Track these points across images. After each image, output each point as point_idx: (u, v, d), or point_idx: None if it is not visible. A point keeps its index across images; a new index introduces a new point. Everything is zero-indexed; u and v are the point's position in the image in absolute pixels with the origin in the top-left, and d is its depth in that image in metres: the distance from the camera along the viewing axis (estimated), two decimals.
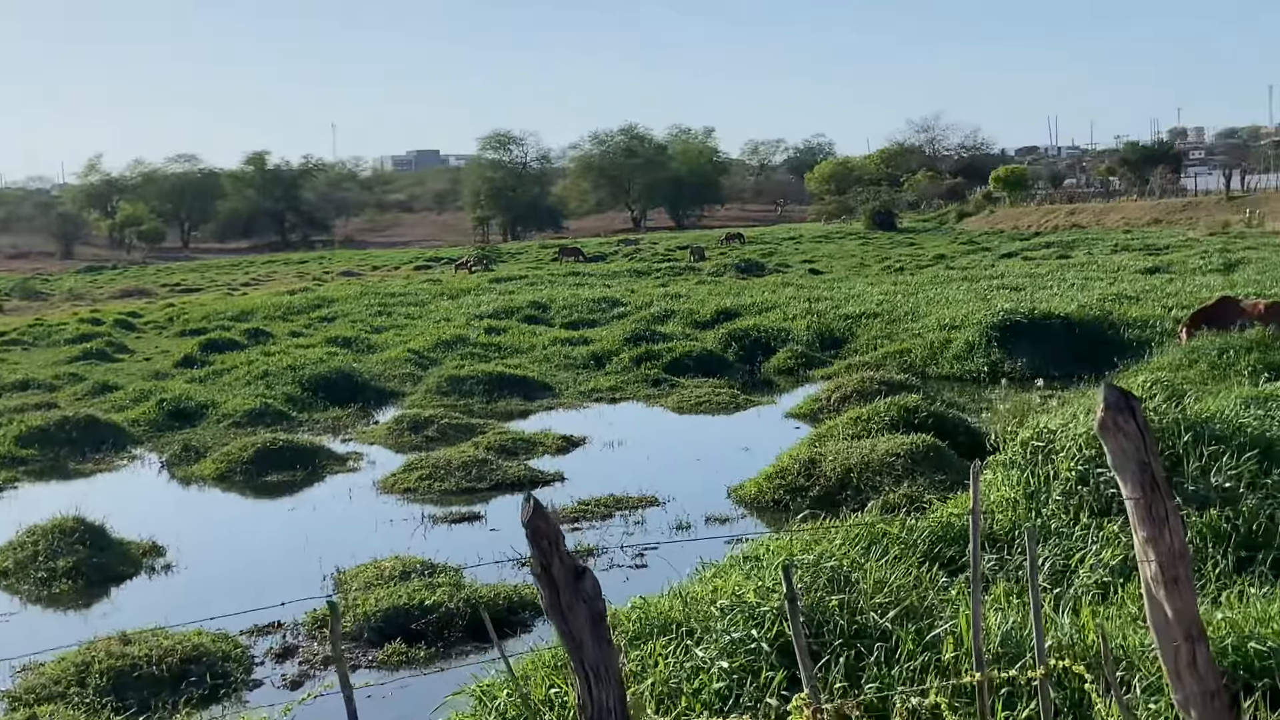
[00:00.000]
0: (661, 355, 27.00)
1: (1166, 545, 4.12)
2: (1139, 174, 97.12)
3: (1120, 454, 4.22)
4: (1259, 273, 35.45)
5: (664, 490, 15.41)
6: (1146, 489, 4.14)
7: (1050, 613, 7.51)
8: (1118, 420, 4.24)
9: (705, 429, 21.22)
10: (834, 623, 7.08)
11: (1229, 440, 10.31)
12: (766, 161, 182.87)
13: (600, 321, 35.56)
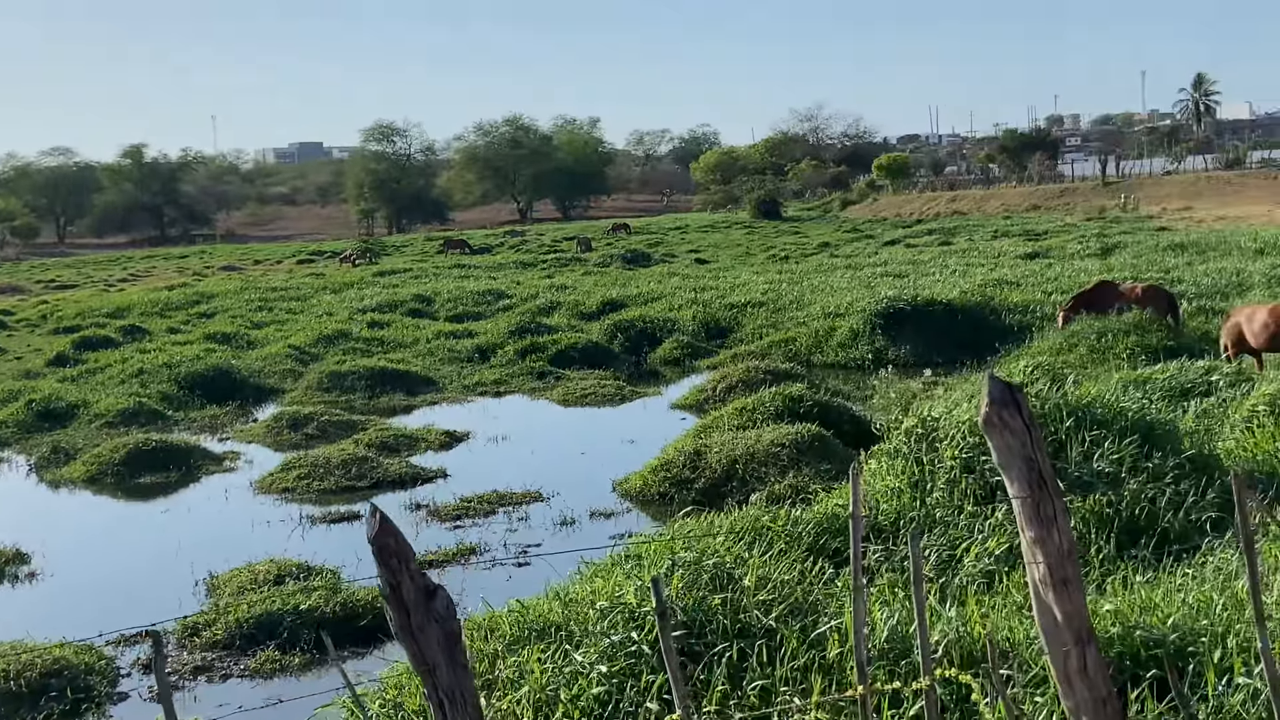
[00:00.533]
0: (547, 348, 26.65)
1: (1055, 546, 3.93)
2: (1018, 161, 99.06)
3: (1005, 450, 4.02)
4: (1135, 256, 36.23)
5: (548, 485, 15.10)
6: (1034, 487, 3.95)
7: (936, 605, 7.37)
8: (1002, 415, 4.05)
9: (591, 422, 20.95)
10: (717, 622, 6.85)
11: (1111, 424, 10.31)
12: (652, 152, 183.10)
13: (485, 314, 35.10)
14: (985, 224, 64.46)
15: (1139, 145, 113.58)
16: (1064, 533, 3.96)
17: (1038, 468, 3.96)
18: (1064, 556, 3.94)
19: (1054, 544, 3.93)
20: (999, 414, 4.05)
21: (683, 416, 19.59)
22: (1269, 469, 10.18)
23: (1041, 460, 3.99)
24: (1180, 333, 20.45)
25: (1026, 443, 3.99)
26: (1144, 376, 14.40)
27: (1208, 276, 27.81)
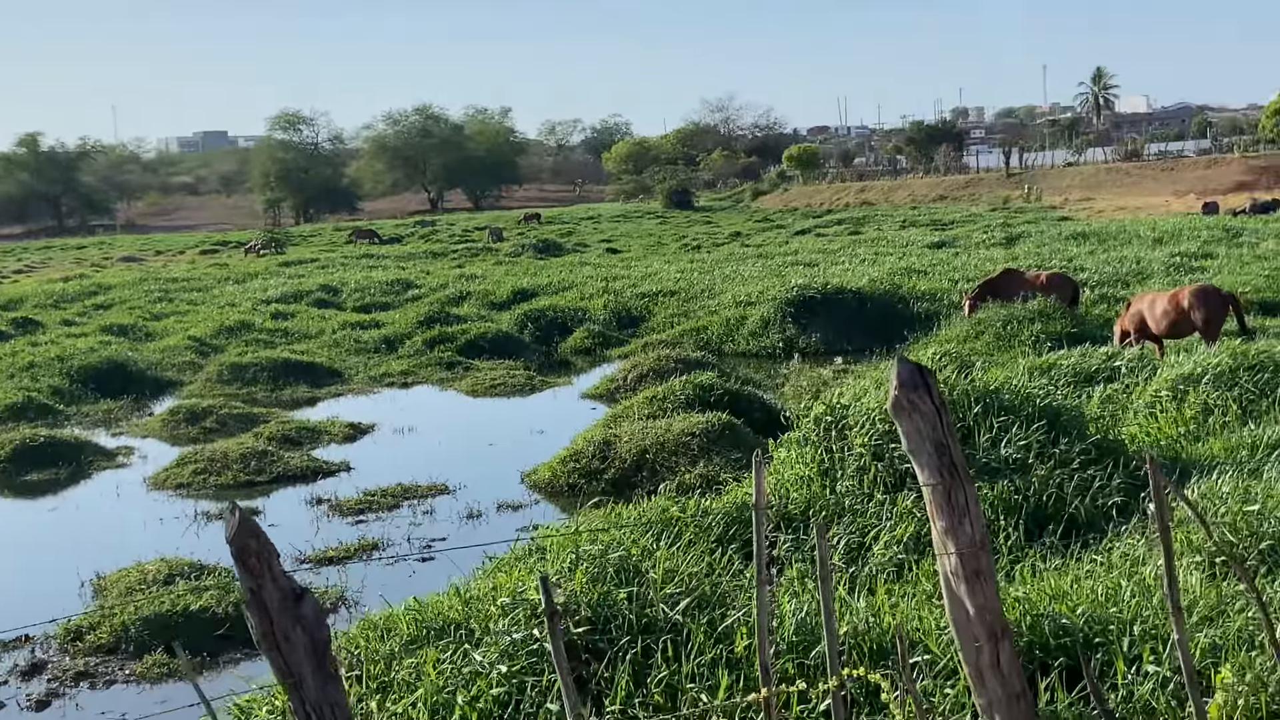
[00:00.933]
0: (456, 338, 26.26)
1: (967, 536, 3.78)
2: (925, 152, 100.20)
3: (915, 435, 3.85)
4: (1038, 245, 36.72)
5: (455, 477, 14.80)
6: (945, 474, 3.79)
7: (845, 596, 7.24)
8: (912, 399, 3.88)
9: (500, 412, 20.64)
10: (622, 617, 6.64)
11: (1018, 410, 10.27)
12: (564, 142, 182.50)
13: (394, 304, 34.56)
14: (894, 214, 65.08)
15: (1041, 137, 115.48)
16: (976, 522, 3.80)
17: (949, 453, 3.80)
18: (976, 547, 3.78)
19: (966, 534, 3.77)
20: (908, 397, 3.88)
21: (593, 406, 19.37)
22: (1171, 454, 10.23)
23: (953, 445, 3.83)
24: (1081, 319, 20.66)
25: (937, 427, 3.83)
26: (1049, 362, 14.47)
27: (1109, 265, 28.24)
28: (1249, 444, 10.07)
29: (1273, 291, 22.81)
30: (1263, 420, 11.08)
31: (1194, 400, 11.88)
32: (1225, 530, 7.89)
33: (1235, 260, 28.32)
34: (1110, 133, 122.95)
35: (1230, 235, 34.56)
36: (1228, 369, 12.28)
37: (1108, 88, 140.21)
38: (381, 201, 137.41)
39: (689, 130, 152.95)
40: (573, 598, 6.62)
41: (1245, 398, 11.80)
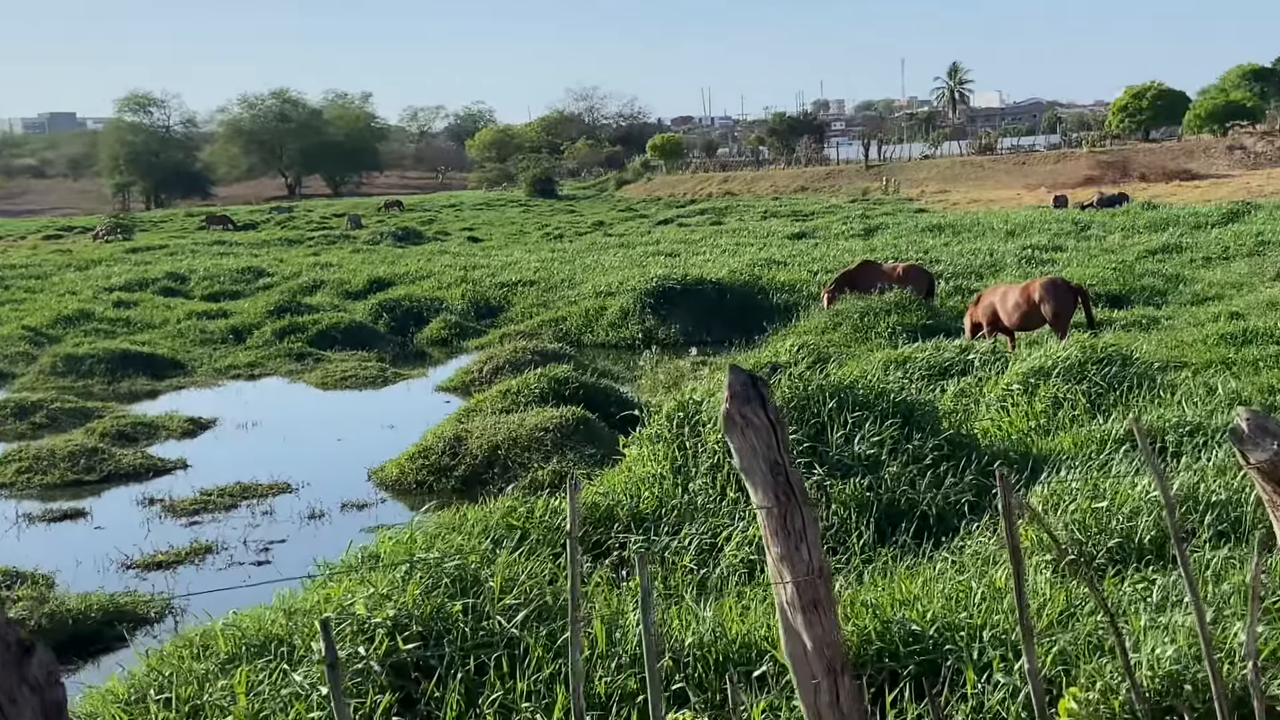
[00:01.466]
0: (307, 328, 25.45)
1: (804, 563, 3.50)
2: (786, 143, 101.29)
3: (749, 452, 3.56)
4: (895, 237, 37.15)
5: (299, 475, 14.19)
6: (780, 496, 3.50)
7: (692, 604, 6.96)
8: (745, 412, 3.58)
9: (350, 406, 19.99)
10: (456, 631, 6.26)
11: (872, 406, 10.13)
12: (427, 128, 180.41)
13: (245, 293, 33.47)
14: (755, 204, 65.49)
15: (900, 130, 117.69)
16: (814, 548, 3.52)
17: (784, 473, 3.51)
18: (814, 575, 3.50)
19: (803, 561, 3.49)
20: (740, 411, 3.58)
21: (447, 400, 18.87)
22: (1023, 448, 10.19)
23: (788, 465, 3.54)
24: (936, 311, 20.81)
25: (772, 444, 3.54)
26: (904, 356, 14.45)
27: (963, 257, 28.63)
28: (1097, 438, 10.09)
29: (1119, 284, 23.29)
30: (1111, 413, 11.14)
31: (1044, 394, 11.92)
32: (1075, 529, 7.83)
33: (1084, 253, 28.96)
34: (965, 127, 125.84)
35: (1079, 229, 35.37)
36: (1077, 362, 12.37)
37: (963, 83, 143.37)
38: (238, 187, 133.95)
39: (553, 118, 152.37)
40: (403, 611, 6.21)
41: (1094, 391, 11.88)
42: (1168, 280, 24.03)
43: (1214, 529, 7.72)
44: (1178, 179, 60.99)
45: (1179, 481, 8.37)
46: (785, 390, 10.16)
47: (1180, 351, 15.85)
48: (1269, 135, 68.49)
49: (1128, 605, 6.39)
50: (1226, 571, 6.90)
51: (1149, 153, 70.85)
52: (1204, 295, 22.31)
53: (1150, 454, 4.25)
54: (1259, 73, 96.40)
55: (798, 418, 9.86)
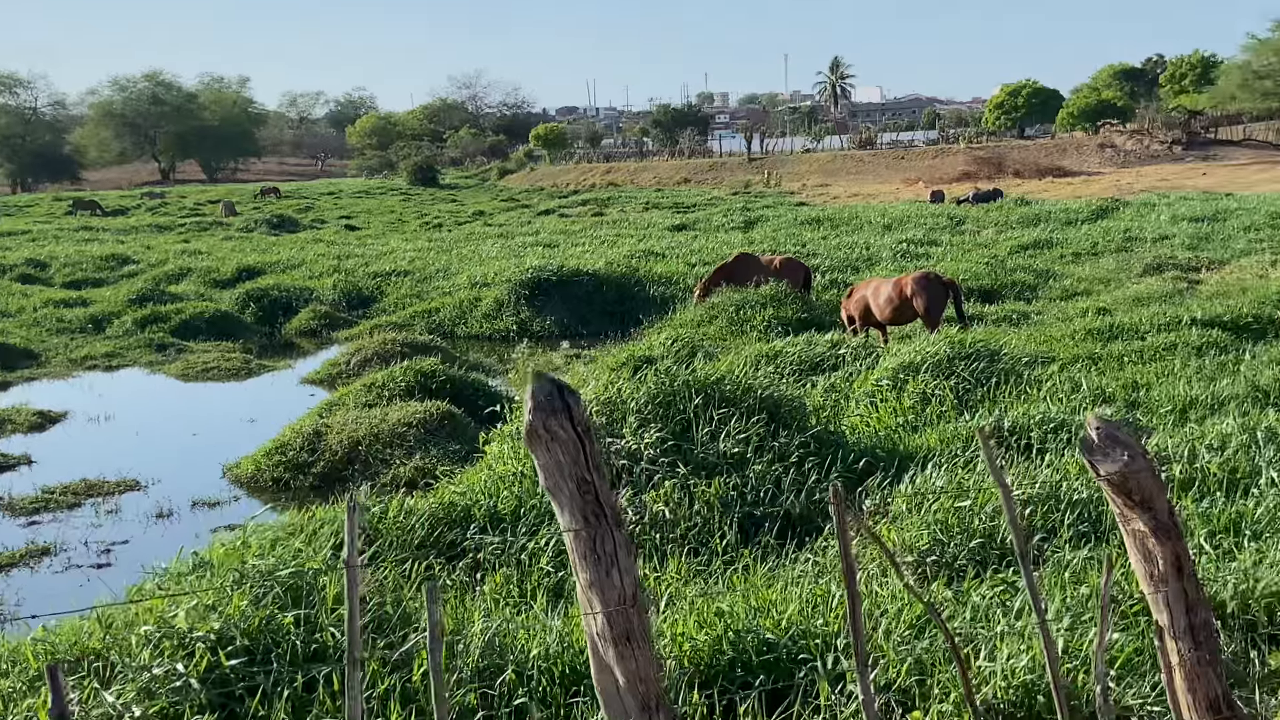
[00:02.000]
0: (170, 317, 24.58)
1: (616, 591, 3.21)
2: (670, 135, 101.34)
3: (554, 470, 3.26)
4: (775, 229, 37.23)
5: (151, 471, 13.55)
6: (590, 517, 3.22)
7: (540, 613, 6.65)
8: (550, 425, 3.28)
9: (210, 399, 19.28)
10: (286, 645, 5.87)
11: (739, 402, 9.93)
12: (306, 114, 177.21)
13: (109, 280, 32.32)
14: (638, 196, 65.34)
15: (783, 124, 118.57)
16: (627, 574, 3.24)
17: (594, 492, 3.22)
18: (627, 605, 3.22)
19: (614, 589, 3.21)
20: (545, 424, 3.28)
21: (311, 392, 18.29)
22: (889, 445, 10.07)
23: (599, 483, 3.25)
24: (812, 304, 20.78)
25: (580, 460, 3.24)
26: (776, 350, 14.31)
27: (840, 250, 28.73)
28: (963, 435, 10.01)
29: (991, 279, 23.53)
30: (977, 410, 11.10)
31: (913, 389, 11.85)
32: (937, 529, 7.69)
33: (958, 248, 29.27)
34: (847, 122, 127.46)
35: (954, 223, 35.82)
36: (945, 358, 12.33)
37: (844, 77, 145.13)
38: (110, 171, 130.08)
39: (436, 107, 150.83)
40: (229, 624, 5.81)
41: (961, 387, 11.85)
42: (1038, 275, 24.35)
43: (1075, 529, 7.65)
44: (1050, 175, 62.32)
45: (1041, 479, 8.30)
46: (651, 386, 9.91)
47: (1048, 346, 15.94)
48: (1138, 134, 70.35)
49: (986, 610, 6.24)
50: (1086, 572, 6.82)
51: (1023, 150, 72.30)
52: (1073, 290, 22.63)
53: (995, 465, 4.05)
54: (1129, 72, 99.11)
55: (663, 414, 9.62)
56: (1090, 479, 8.34)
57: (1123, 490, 3.69)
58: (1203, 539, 7.26)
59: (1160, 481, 3.73)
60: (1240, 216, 31.18)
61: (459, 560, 8.59)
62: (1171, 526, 3.75)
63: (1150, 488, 3.68)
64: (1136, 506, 3.71)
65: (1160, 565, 3.72)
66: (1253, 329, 16.48)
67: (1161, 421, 10.61)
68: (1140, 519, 3.70)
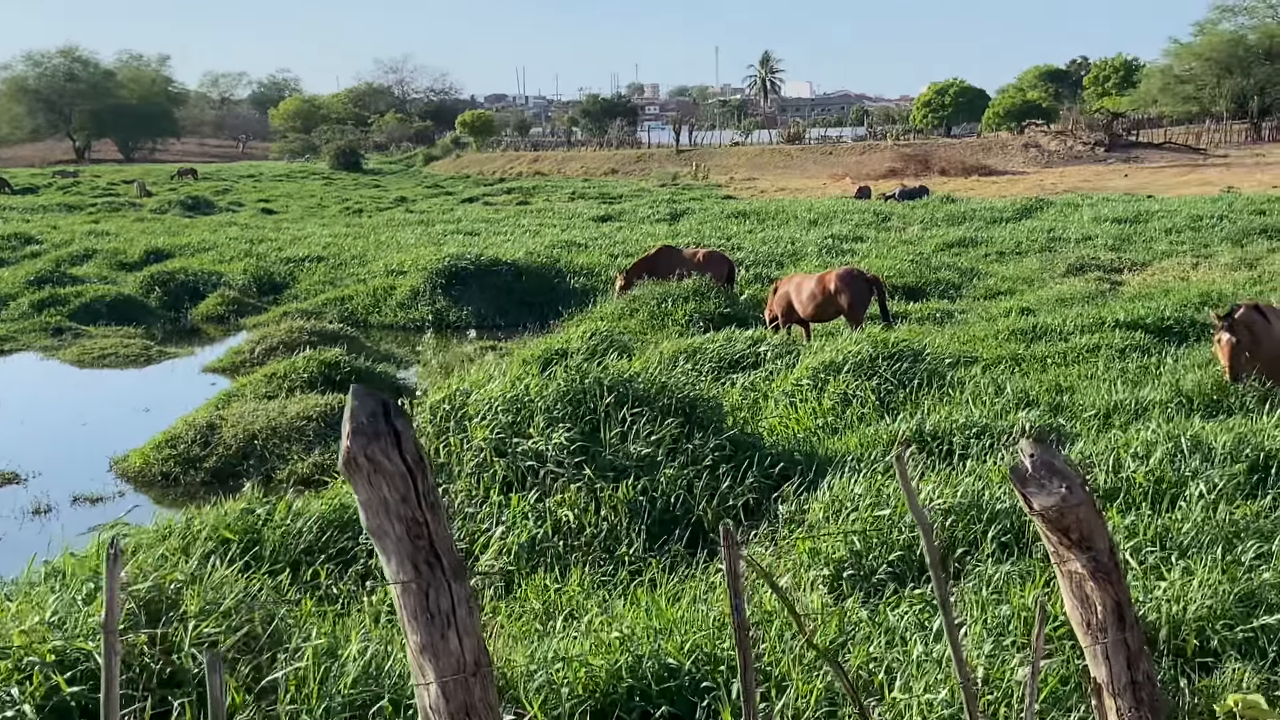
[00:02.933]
0: (69, 300, 23.60)
1: (454, 657, 2.69)
2: (599, 125, 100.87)
3: (378, 508, 2.72)
4: (701, 222, 36.82)
5: (32, 464, 12.81)
6: (422, 566, 2.69)
7: None
8: (372, 453, 2.74)
9: (104, 387, 18.43)
10: (139, 668, 5.31)
11: (653, 401, 9.47)
12: (228, 95, 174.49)
13: (10, 260, 31.07)
14: (565, 185, 64.70)
15: (712, 117, 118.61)
16: (468, 635, 2.71)
17: (427, 535, 2.70)
18: (467, 674, 2.70)
19: (452, 654, 2.70)
20: (366, 451, 2.74)
21: (213, 381, 17.53)
22: (808, 449, 9.65)
23: (434, 524, 2.73)
24: (735, 299, 20.38)
25: (410, 495, 2.72)
26: (695, 346, 13.84)
27: (766, 245, 28.38)
28: (884, 439, 9.62)
29: (916, 277, 23.29)
30: (899, 412, 10.72)
31: (834, 390, 11.45)
32: (855, 539, 7.29)
33: (883, 244, 29.04)
34: (776, 116, 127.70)
35: (880, 219, 35.64)
36: (868, 358, 11.94)
37: (774, 71, 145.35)
38: (22, 149, 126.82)
39: (362, 90, 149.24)
40: (73, 643, 5.23)
41: (884, 388, 11.47)
42: (963, 274, 24.16)
43: (998, 540, 7.27)
44: (976, 174, 62.59)
45: (962, 488, 7.91)
46: (561, 383, 9.43)
47: (972, 346, 15.69)
48: (1062, 135, 70.96)
49: (903, 632, 5.83)
50: (1009, 590, 6.43)
51: (950, 148, 72.63)
52: (997, 289, 22.46)
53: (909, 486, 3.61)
54: (1054, 74, 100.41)
55: (572, 413, 9.14)
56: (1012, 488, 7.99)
57: (1059, 527, 3.27)
58: (1128, 554, 6.93)
59: (1101, 517, 3.30)
60: (1162, 219, 31.30)
61: (350, 566, 8.06)
62: (1113, 569, 3.33)
63: (1090, 525, 3.25)
64: (1074, 546, 3.28)
65: (1099, 613, 3.30)
66: (1174, 331, 16.34)
67: (1085, 427, 10.32)
68: (1078, 560, 3.28)
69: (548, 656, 5.54)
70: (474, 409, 9.34)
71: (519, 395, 9.29)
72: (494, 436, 9.02)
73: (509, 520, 8.21)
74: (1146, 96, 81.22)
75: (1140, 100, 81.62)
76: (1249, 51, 75.82)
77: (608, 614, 6.28)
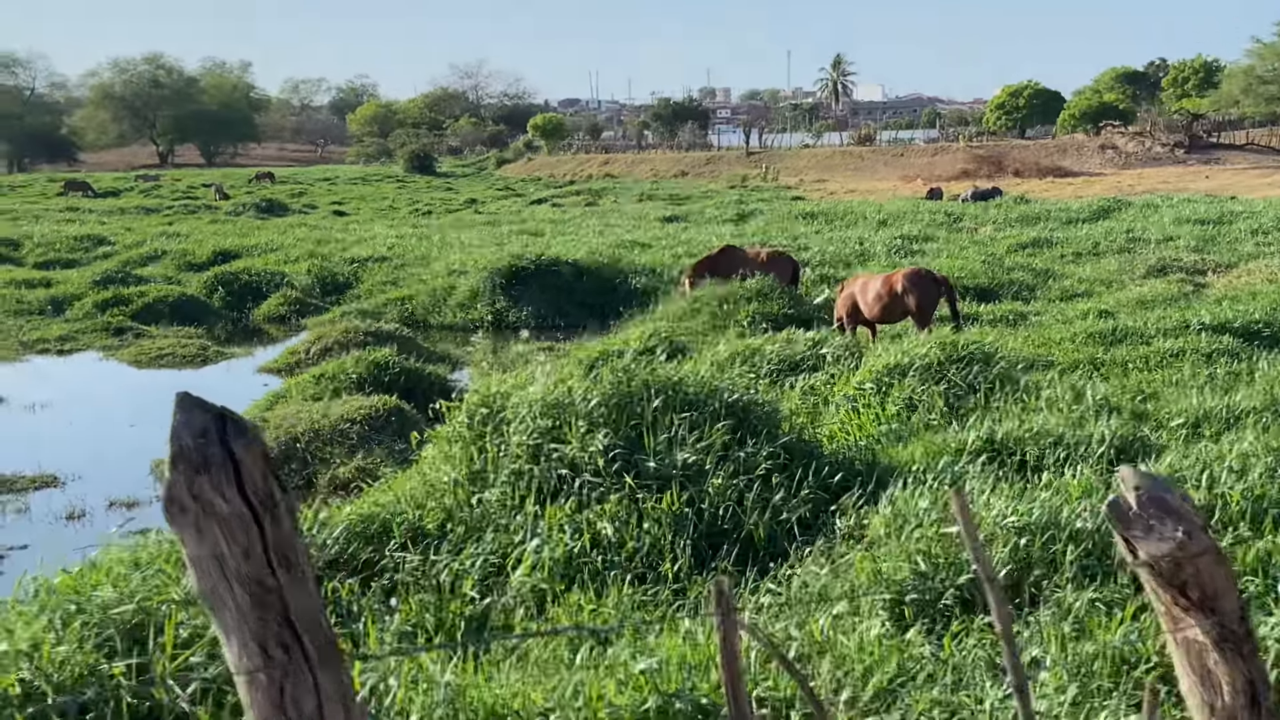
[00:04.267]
0: (132, 300, 23.47)
1: None
2: (671, 129, 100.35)
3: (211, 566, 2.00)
4: (767, 223, 36.13)
5: (73, 466, 12.50)
6: (272, 649, 1.99)
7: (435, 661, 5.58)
8: (199, 488, 2.10)
9: (158, 387, 18.12)
10: (114, 702, 4.79)
11: (704, 406, 8.85)
12: (308, 101, 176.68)
13: (82, 261, 31.27)
14: (633, 187, 64.26)
15: (783, 120, 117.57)
16: None
17: (280, 604, 2.00)
18: None
19: None
20: (193, 486, 2.14)
21: (266, 382, 17.19)
22: (869, 457, 9.00)
23: (290, 589, 2.01)
24: (800, 299, 19.71)
25: (255, 550, 2.05)
26: (753, 348, 13.18)
27: (833, 245, 27.62)
28: (952, 448, 8.93)
29: (988, 278, 22.45)
30: (968, 419, 10.02)
31: (898, 395, 10.77)
32: (920, 559, 6.64)
33: (954, 244, 28.17)
34: (848, 119, 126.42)
35: (951, 220, 34.71)
36: (936, 361, 11.21)
37: (846, 74, 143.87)
38: (108, 154, 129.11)
39: (437, 95, 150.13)
40: (44, 674, 4.75)
41: (952, 393, 10.76)
42: (1037, 275, 23.27)
43: (1079, 564, 6.58)
44: (1051, 175, 61.21)
45: (1039, 504, 7.21)
46: (606, 386, 8.85)
47: (1047, 349, 14.93)
48: (1140, 136, 69.22)
49: (971, 670, 5.19)
50: (1091, 622, 5.76)
51: (1024, 149, 71.16)
52: (1073, 291, 21.58)
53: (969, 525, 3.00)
54: (1131, 75, 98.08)
55: (615, 418, 8.56)
56: (1095, 504, 7.28)
57: (1173, 582, 2.58)
58: None
59: (1229, 570, 2.60)
60: (1247, 220, 30.09)
61: (377, 580, 7.56)
62: (1244, 637, 2.64)
63: (1215, 581, 2.56)
64: (1194, 608, 2.59)
65: (1225, 694, 2.63)
66: (1264, 336, 15.46)
67: (1173, 437, 9.57)
68: (1198, 624, 2.60)
69: (566, 695, 4.97)
70: (513, 412, 8.79)
71: (560, 399, 8.72)
72: (531, 442, 8.46)
73: (544, 533, 7.65)
74: (1228, 97, 78.95)
75: (1221, 101, 79.38)
76: None
77: (641, 641, 5.69)
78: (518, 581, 7.24)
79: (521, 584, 7.21)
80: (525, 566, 7.39)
